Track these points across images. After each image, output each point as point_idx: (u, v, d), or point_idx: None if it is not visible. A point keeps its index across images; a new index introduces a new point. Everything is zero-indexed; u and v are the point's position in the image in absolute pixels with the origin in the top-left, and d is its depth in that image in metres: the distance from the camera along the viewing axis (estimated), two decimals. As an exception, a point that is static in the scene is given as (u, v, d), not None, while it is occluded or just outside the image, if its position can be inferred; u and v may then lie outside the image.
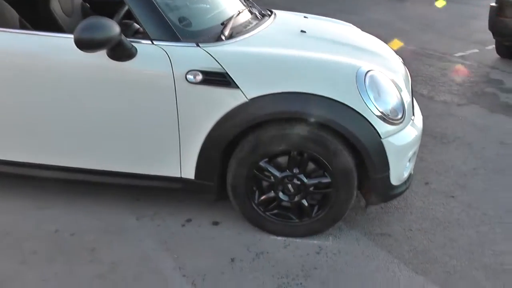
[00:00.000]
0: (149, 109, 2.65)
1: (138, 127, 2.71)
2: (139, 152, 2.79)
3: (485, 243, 2.89)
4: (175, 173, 2.80)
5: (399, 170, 2.75)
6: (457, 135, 4.45)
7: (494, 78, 6.24)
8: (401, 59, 3.39)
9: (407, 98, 2.84)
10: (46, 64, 2.68)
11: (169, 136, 2.69)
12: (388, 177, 2.69)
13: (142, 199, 3.23)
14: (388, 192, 2.78)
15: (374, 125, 2.56)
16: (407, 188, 2.91)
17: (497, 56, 7.22)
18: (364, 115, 2.54)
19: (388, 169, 2.66)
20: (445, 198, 3.37)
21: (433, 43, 8.16)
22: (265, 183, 2.79)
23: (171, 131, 2.67)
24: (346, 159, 2.59)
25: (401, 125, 2.68)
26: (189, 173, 2.77)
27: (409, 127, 2.77)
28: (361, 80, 2.57)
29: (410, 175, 2.94)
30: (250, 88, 2.53)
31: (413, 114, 2.94)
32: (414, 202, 3.29)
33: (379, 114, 2.56)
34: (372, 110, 2.55)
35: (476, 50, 7.66)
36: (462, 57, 7.27)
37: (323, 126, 2.56)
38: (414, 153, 2.87)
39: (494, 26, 6.74)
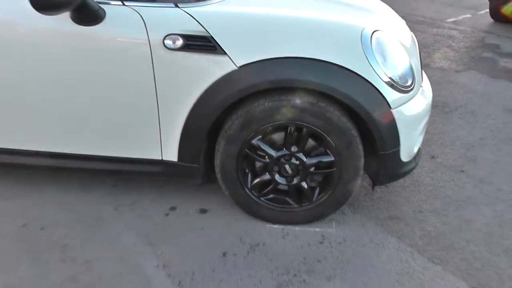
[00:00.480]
0: (121, 82, 2.23)
1: (111, 104, 2.29)
2: (113, 132, 2.38)
3: (504, 224, 2.55)
4: (156, 155, 2.40)
5: (410, 145, 2.39)
6: (458, 104, 4.09)
7: (490, 42, 5.88)
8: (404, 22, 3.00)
9: (416, 62, 2.46)
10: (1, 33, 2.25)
11: (147, 112, 2.28)
12: (398, 152, 2.32)
13: (120, 185, 2.83)
14: (397, 170, 2.42)
15: (383, 93, 2.18)
16: (416, 165, 2.55)
17: (491, 20, 6.86)
18: (371, 81, 2.15)
19: (399, 143, 2.29)
20: (454, 173, 3.03)
21: (423, 10, 7.76)
22: (258, 164, 2.41)
23: (149, 107, 2.26)
24: (351, 133, 2.22)
25: (411, 93, 2.31)
26: (172, 154, 2.38)
27: (419, 96, 2.40)
28: (366, 41, 2.17)
29: (419, 150, 2.57)
30: (239, 54, 2.12)
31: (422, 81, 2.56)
32: (421, 179, 2.94)
33: (388, 80, 2.18)
34: (380, 75, 2.16)
35: (469, 15, 7.29)
36: (454, 22, 6.88)
37: (324, 96, 2.18)
38: (425, 124, 2.50)
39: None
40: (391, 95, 2.20)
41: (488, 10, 6.89)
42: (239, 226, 2.49)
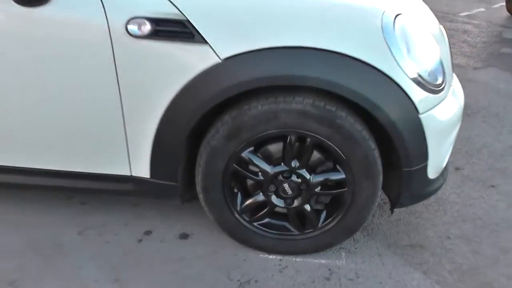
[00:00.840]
0: (75, 79, 1.74)
1: (62, 107, 1.80)
2: (68, 142, 1.88)
3: (551, 253, 2.06)
4: (123, 171, 1.91)
5: (440, 159, 1.90)
6: (481, 105, 3.59)
7: (508, 37, 5.38)
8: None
9: (446, 56, 1.97)
10: None
11: (108, 118, 1.78)
12: (425, 169, 1.83)
13: (89, 202, 2.33)
14: (423, 190, 1.92)
15: (409, 94, 1.68)
16: (444, 182, 2.06)
17: (506, 14, 6.34)
18: (394, 78, 1.66)
19: (426, 157, 1.80)
20: (483, 188, 2.53)
21: (433, 2, 7.23)
22: (250, 183, 1.93)
23: (111, 111, 1.77)
24: (368, 144, 1.73)
25: (442, 93, 1.81)
26: (143, 170, 1.88)
27: (450, 98, 1.90)
28: (388, 27, 1.67)
29: (446, 164, 2.08)
30: (223, 43, 1.63)
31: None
32: (446, 195, 2.45)
33: (415, 76, 1.69)
34: (405, 70, 1.67)
35: (482, 9, 6.75)
36: (468, 16, 6.35)
37: (333, 97, 1.69)
38: (456, 133, 2.01)
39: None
40: (419, 96, 1.70)
41: (503, 3, 6.38)
42: (227, 257, 1.99)
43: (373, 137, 1.75)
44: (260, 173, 1.83)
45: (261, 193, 1.88)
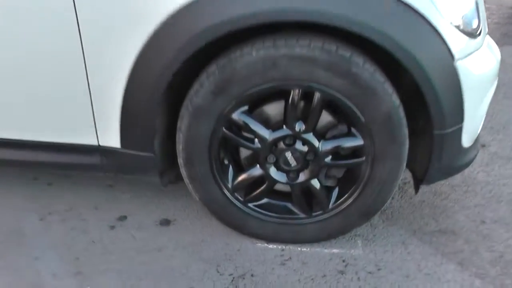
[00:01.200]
0: (27, 27, 1.35)
1: (14, 62, 1.42)
2: (22, 103, 1.50)
3: None
4: (89, 139, 1.52)
5: (476, 122, 1.52)
6: (501, 81, 3.19)
7: (521, 19, 5.02)
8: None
9: (480, 2, 1.58)
10: None
11: (68, 72, 1.40)
12: (459, 133, 1.45)
13: (56, 183, 1.96)
14: (456, 161, 1.54)
15: (443, 35, 1.31)
16: (478, 153, 1.68)
17: (517, -3, 5.98)
18: (426, 15, 1.29)
19: (462, 118, 1.42)
20: (516, 166, 2.16)
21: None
22: (244, 153, 1.55)
23: (70, 64, 1.38)
24: (391, 101, 1.35)
25: (478, 40, 1.44)
26: (112, 138, 1.50)
27: (486, 49, 1.53)
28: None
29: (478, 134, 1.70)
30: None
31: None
32: (474, 174, 2.06)
33: (450, 15, 1.32)
34: (438, 7, 1.30)
35: (491, -7, 6.40)
36: None
37: (348, 38, 1.31)
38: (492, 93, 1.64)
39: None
40: (454, 39, 1.33)
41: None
42: (217, 247, 1.61)
43: (396, 91, 1.38)
44: (256, 140, 1.45)
45: (258, 166, 1.49)
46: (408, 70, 1.30)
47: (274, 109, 1.44)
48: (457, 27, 1.34)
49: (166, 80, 1.35)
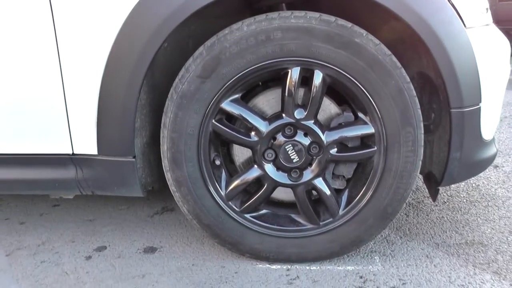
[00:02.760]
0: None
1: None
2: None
3: None
4: (62, 148, 1.29)
5: (493, 108, 1.32)
6: (503, 115, 3.06)
7: None
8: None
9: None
10: None
11: (38, 66, 1.20)
12: (478, 115, 1.24)
13: (28, 222, 1.68)
14: (477, 154, 1.31)
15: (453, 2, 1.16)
16: (497, 152, 1.47)
17: None
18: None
19: (480, 96, 1.23)
20: (534, 185, 1.93)
21: None
22: (239, 152, 1.33)
23: (41, 58, 1.19)
24: (402, 75, 1.15)
25: (487, 15, 1.29)
26: (87, 143, 1.26)
27: (495, 28, 1.37)
28: None
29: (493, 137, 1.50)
30: None
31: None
32: (493, 191, 1.82)
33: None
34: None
35: None
36: None
37: (349, 5, 1.16)
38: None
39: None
40: (464, 4, 1.17)
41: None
42: (209, 270, 1.32)
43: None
44: (252, 133, 1.23)
45: (255, 166, 1.26)
46: (421, 38, 1.13)
47: (270, 98, 1.24)
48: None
49: (143, 72, 1.15)
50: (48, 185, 1.36)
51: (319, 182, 1.26)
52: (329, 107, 1.24)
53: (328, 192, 1.27)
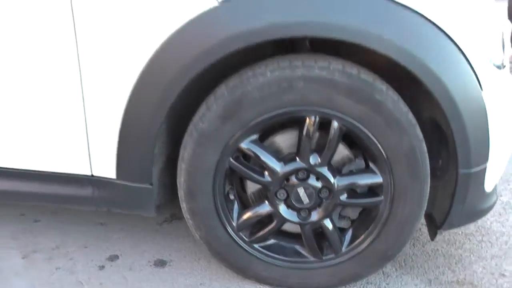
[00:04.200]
0: (15, 37, 1.19)
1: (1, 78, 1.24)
2: (6, 125, 1.31)
3: None
4: (81, 169, 1.32)
5: (499, 162, 1.34)
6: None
7: None
8: None
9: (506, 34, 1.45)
10: None
11: (62, 94, 1.22)
12: (483, 174, 1.27)
13: (43, 220, 1.72)
14: (478, 205, 1.35)
15: (472, 63, 1.16)
16: (497, 199, 1.50)
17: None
18: (460, 45, 1.13)
19: (487, 156, 1.25)
20: (528, 217, 1.96)
21: None
22: (252, 186, 1.34)
23: (65, 85, 1.20)
24: (415, 133, 1.17)
25: (504, 70, 1.30)
26: (106, 167, 1.29)
27: (510, 76, 1.38)
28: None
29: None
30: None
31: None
32: (487, 224, 1.85)
33: (480, 44, 1.18)
34: (470, 38, 1.15)
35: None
36: None
37: (372, 62, 1.16)
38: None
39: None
40: (482, 68, 1.18)
41: None
42: (216, 292, 1.38)
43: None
44: (266, 173, 1.25)
45: (266, 202, 1.29)
46: (437, 100, 1.14)
47: (286, 139, 1.26)
48: (486, 58, 1.20)
49: (171, 99, 1.17)
50: (66, 200, 1.39)
51: (326, 221, 1.29)
52: (342, 151, 1.26)
53: (333, 230, 1.30)
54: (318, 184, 1.25)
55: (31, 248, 1.57)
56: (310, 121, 1.18)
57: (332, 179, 1.23)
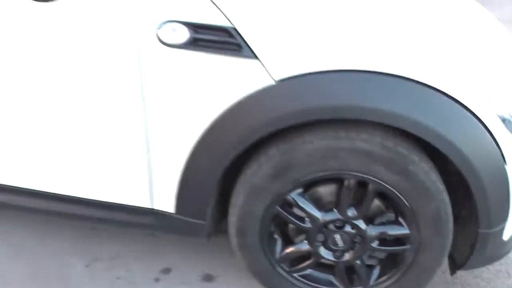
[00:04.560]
0: (92, 89, 1.35)
1: (74, 120, 1.41)
2: (80, 162, 1.49)
3: None
4: (142, 202, 1.51)
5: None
6: None
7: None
8: None
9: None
10: None
11: (128, 140, 1.40)
12: (502, 230, 1.42)
13: (99, 228, 1.95)
14: (495, 252, 1.50)
15: (497, 138, 1.28)
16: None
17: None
18: (482, 118, 1.26)
19: (506, 217, 1.39)
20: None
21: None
22: (294, 228, 1.52)
23: (132, 132, 1.38)
24: (442, 199, 1.32)
25: None
26: (167, 203, 1.48)
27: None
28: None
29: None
30: (278, 60, 1.23)
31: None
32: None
33: (503, 116, 1.30)
34: (494, 112, 1.28)
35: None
36: None
37: (408, 137, 1.29)
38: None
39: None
40: (507, 142, 1.30)
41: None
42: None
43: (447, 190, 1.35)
44: (307, 219, 1.42)
45: (306, 242, 1.47)
46: (461, 172, 1.28)
47: (326, 190, 1.42)
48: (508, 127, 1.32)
49: (230, 159, 1.34)
50: (129, 225, 1.59)
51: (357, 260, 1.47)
52: (375, 204, 1.42)
53: (362, 267, 1.49)
54: (353, 231, 1.42)
55: (92, 256, 1.79)
56: (349, 182, 1.34)
57: (365, 229, 1.41)
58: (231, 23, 1.23)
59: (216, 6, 1.23)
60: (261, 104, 1.25)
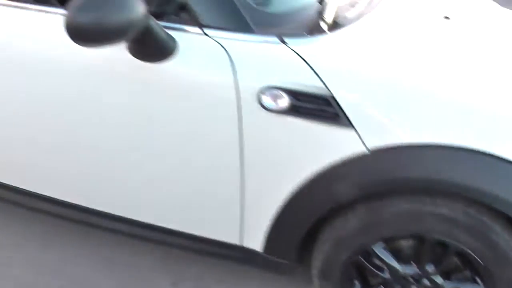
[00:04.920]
0: (193, 142, 1.51)
1: (178, 168, 1.58)
2: (175, 200, 1.67)
3: None
4: (232, 239, 1.67)
5: None
6: None
7: None
8: None
9: None
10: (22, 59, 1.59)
11: (225, 192, 1.56)
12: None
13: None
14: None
15: None
16: None
17: None
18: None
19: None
20: None
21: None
22: (373, 276, 1.63)
23: (229, 185, 1.53)
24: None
25: None
26: (255, 242, 1.63)
27: None
28: None
29: None
30: (373, 130, 1.33)
31: None
32: None
33: None
34: None
35: None
36: None
37: (493, 210, 1.36)
38: None
39: None
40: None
41: None
42: None
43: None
44: (386, 270, 1.53)
45: (382, 288, 1.59)
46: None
47: (407, 244, 1.51)
48: None
49: (320, 214, 1.46)
50: (220, 257, 1.77)
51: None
52: (453, 261, 1.50)
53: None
54: (428, 284, 1.52)
55: (178, 276, 1.96)
56: (429, 244, 1.43)
57: (441, 283, 1.50)
58: (330, 92, 1.33)
59: (317, 74, 1.34)
60: (353, 170, 1.36)
